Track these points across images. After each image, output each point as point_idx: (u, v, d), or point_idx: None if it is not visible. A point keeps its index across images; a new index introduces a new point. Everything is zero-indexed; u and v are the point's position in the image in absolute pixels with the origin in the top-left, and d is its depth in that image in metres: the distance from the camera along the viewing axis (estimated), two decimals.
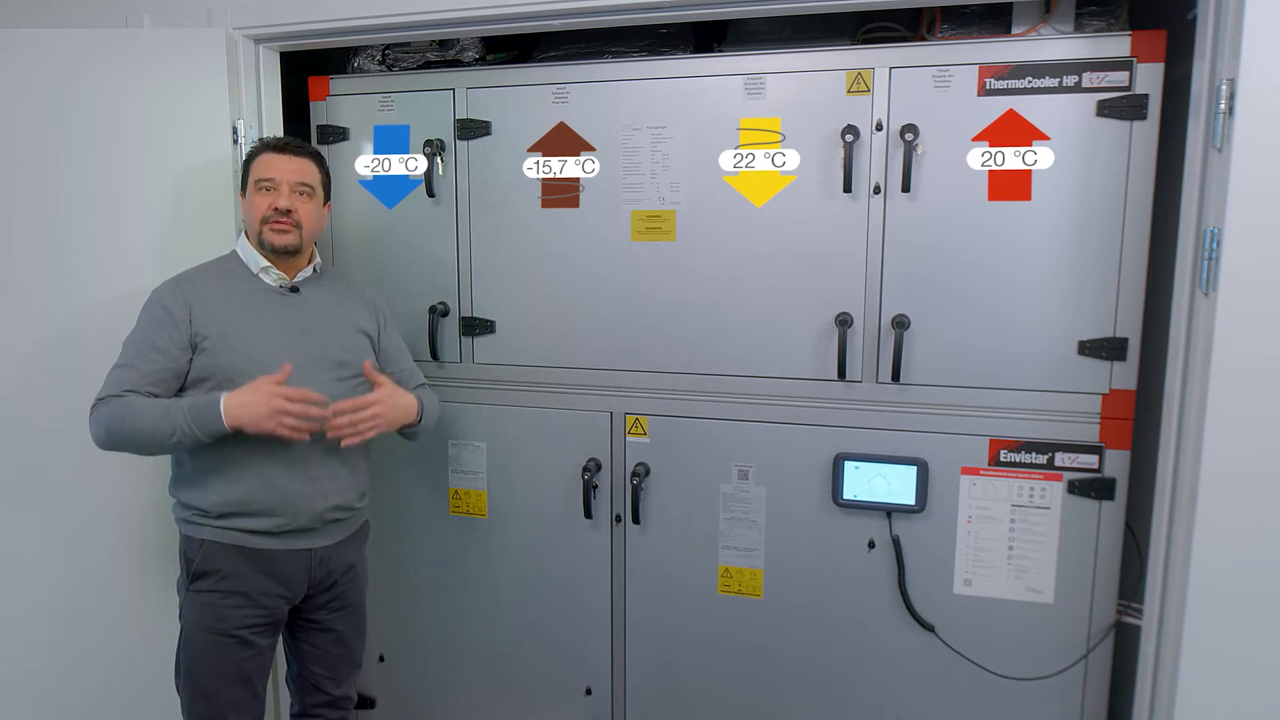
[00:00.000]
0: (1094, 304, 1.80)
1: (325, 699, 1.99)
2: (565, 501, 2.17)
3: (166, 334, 1.72)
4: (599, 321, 2.09)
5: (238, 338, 1.76)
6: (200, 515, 1.77)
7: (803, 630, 2.06)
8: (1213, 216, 1.48)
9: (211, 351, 1.73)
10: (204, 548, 1.76)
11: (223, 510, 1.75)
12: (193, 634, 1.78)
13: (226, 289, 1.81)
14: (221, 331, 1.75)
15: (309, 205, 1.85)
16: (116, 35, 2.05)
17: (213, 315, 1.76)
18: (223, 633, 1.77)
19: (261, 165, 1.83)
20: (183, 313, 1.74)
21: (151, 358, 1.71)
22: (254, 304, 1.81)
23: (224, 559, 1.76)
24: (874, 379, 1.94)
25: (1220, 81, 1.45)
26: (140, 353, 1.72)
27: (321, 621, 1.94)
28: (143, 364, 1.70)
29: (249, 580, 1.78)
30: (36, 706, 2.17)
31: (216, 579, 1.76)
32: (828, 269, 1.93)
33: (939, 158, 1.84)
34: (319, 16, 2.02)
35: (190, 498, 1.77)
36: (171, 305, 1.74)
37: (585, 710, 2.25)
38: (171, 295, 1.76)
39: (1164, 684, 1.60)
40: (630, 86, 2.01)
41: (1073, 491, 1.86)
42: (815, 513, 2.01)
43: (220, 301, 1.78)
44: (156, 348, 1.71)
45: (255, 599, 1.79)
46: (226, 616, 1.77)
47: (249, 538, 1.77)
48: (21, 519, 2.12)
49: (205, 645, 1.77)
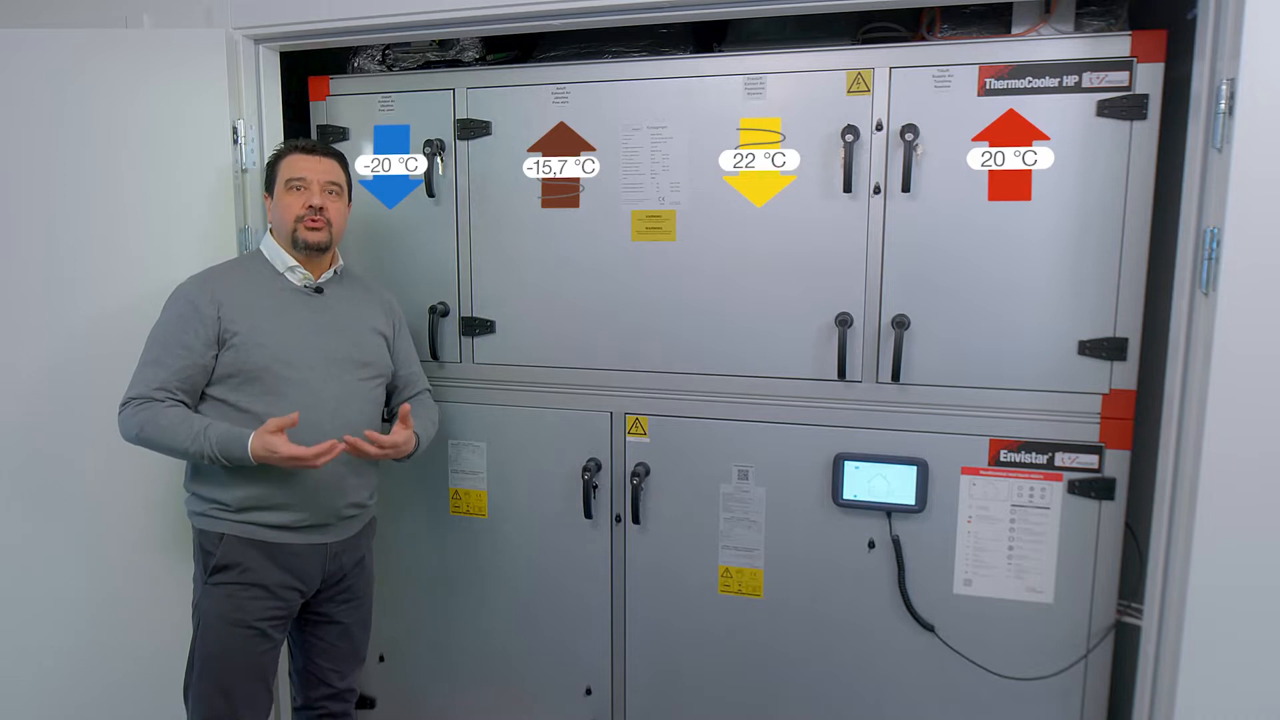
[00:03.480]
0: (1094, 304, 1.80)
1: (330, 692, 2.00)
2: (565, 501, 2.17)
3: (193, 330, 1.74)
4: (599, 321, 2.09)
5: (267, 335, 1.79)
6: (220, 509, 1.78)
7: (803, 630, 2.06)
8: (1213, 216, 1.48)
9: (241, 348, 1.76)
10: (224, 541, 1.78)
11: (245, 504, 1.77)
12: (211, 626, 1.79)
13: (254, 286, 1.84)
14: (251, 328, 1.78)
15: (338, 204, 1.90)
16: (116, 35, 2.05)
17: (242, 312, 1.78)
18: (243, 624, 1.78)
19: (291, 166, 1.86)
20: (211, 309, 1.76)
21: (179, 354, 1.73)
22: (281, 303, 1.84)
23: (243, 552, 1.78)
24: (874, 379, 1.94)
25: (1220, 81, 1.45)
26: (167, 349, 1.74)
27: (330, 615, 1.95)
28: (171, 360, 1.73)
29: (267, 573, 1.80)
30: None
31: (237, 571, 1.78)
32: (828, 269, 1.93)
33: (939, 158, 1.84)
34: (319, 16, 2.02)
35: (211, 491, 1.79)
36: (200, 301, 1.76)
37: (585, 710, 2.25)
38: (200, 291, 1.78)
39: (1164, 684, 1.60)
40: (630, 86, 2.01)
41: (1073, 491, 1.86)
42: (815, 513, 2.01)
43: (249, 299, 1.81)
44: (184, 345, 1.74)
45: (274, 591, 1.81)
46: (247, 608, 1.79)
47: (269, 531, 1.79)
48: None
49: (225, 637, 1.78)
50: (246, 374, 1.76)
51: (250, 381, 1.77)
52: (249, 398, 1.77)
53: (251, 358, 1.77)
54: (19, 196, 2.04)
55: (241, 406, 1.76)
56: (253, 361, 1.77)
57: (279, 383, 1.78)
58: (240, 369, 1.76)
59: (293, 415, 1.70)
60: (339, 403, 1.84)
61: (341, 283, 1.96)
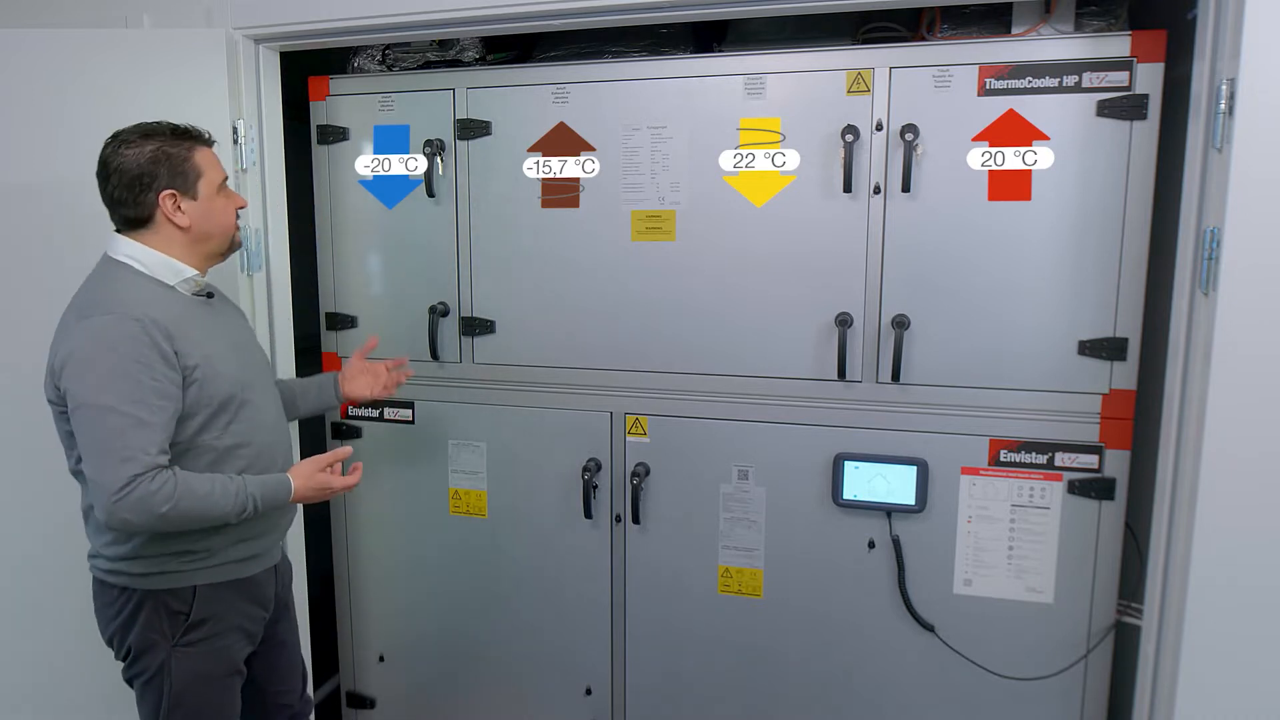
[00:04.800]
0: (1094, 304, 1.80)
1: (290, 713, 1.91)
2: (565, 501, 2.16)
3: (163, 375, 1.50)
4: (599, 321, 2.09)
5: (218, 360, 1.60)
6: (192, 559, 1.60)
7: (803, 630, 2.06)
8: (1213, 216, 1.48)
9: (204, 381, 1.57)
10: (197, 594, 1.61)
11: (226, 543, 1.63)
12: (188, 689, 1.62)
13: (174, 309, 1.58)
14: (205, 357, 1.58)
15: None
16: (116, 35, 2.05)
17: (190, 342, 1.56)
18: (228, 674, 1.67)
19: (213, 163, 1.65)
20: (167, 344, 1.51)
21: (162, 406, 1.49)
22: (201, 320, 1.63)
23: (219, 599, 1.64)
24: (874, 379, 1.94)
25: (1220, 81, 1.45)
26: (143, 404, 1.47)
27: (278, 635, 1.84)
28: (156, 417, 1.48)
29: (243, 612, 1.69)
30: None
31: (213, 623, 1.63)
32: (828, 269, 1.93)
33: (939, 158, 1.84)
34: (319, 16, 2.01)
35: (178, 544, 1.59)
36: (155, 336, 1.50)
37: (585, 710, 2.25)
38: (146, 325, 1.50)
39: (1164, 684, 1.60)
40: (630, 86, 2.00)
41: (1073, 491, 1.86)
42: (815, 513, 2.01)
43: (185, 325, 1.58)
44: (162, 394, 1.50)
45: (248, 630, 1.71)
46: (225, 657, 1.66)
47: (243, 566, 1.67)
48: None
49: (207, 694, 1.64)
50: (213, 409, 1.58)
51: (217, 415, 1.59)
52: (217, 433, 1.59)
53: (217, 389, 1.58)
54: (19, 196, 2.04)
55: (210, 445, 1.59)
56: (219, 393, 1.58)
57: (241, 409, 1.63)
58: (205, 405, 1.57)
59: (347, 448, 1.68)
60: (277, 413, 1.77)
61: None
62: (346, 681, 2.47)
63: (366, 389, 1.99)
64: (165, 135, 1.61)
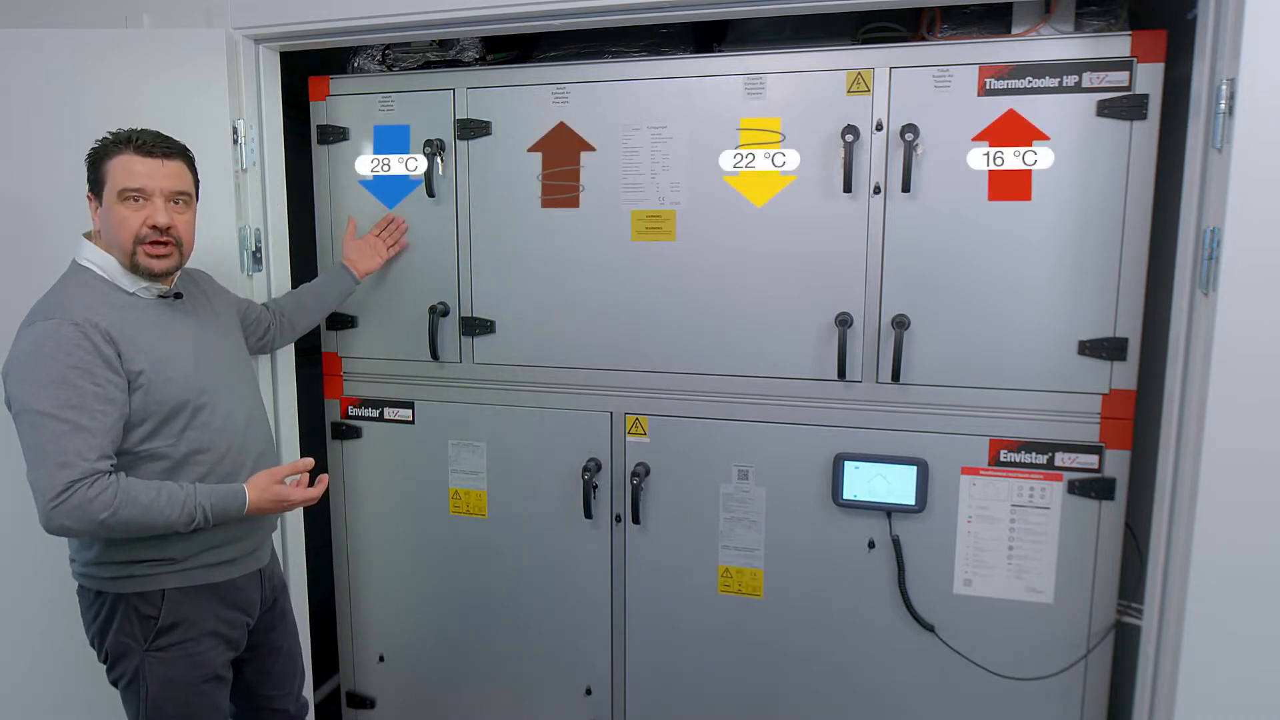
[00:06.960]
0: (1094, 304, 1.80)
1: (285, 718, 1.91)
2: (565, 501, 2.16)
3: (105, 378, 1.47)
4: (599, 321, 2.09)
5: (169, 365, 1.56)
6: (160, 564, 1.59)
7: (803, 630, 2.06)
8: (1213, 216, 1.48)
9: (150, 388, 1.53)
10: (166, 598, 1.59)
11: (196, 549, 1.60)
12: (163, 695, 1.60)
13: (125, 313, 1.55)
14: (154, 361, 1.54)
15: (186, 216, 1.61)
16: (116, 35, 2.05)
17: (133, 345, 1.52)
18: (200, 680, 1.64)
19: (125, 170, 1.53)
20: (109, 348, 1.48)
21: (104, 411, 1.46)
22: (155, 321, 1.59)
23: (191, 603, 1.62)
24: (874, 379, 1.94)
25: (1220, 81, 1.45)
26: (83, 409, 1.44)
27: (271, 642, 1.84)
28: (96, 422, 1.44)
29: (219, 617, 1.66)
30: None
31: (185, 627, 1.61)
32: (828, 269, 1.93)
33: (939, 158, 1.84)
34: (319, 16, 2.02)
35: (143, 550, 1.57)
36: (96, 340, 1.47)
37: (585, 710, 2.25)
38: (87, 328, 1.47)
39: (1164, 684, 1.60)
40: (630, 86, 2.00)
41: (1073, 491, 1.86)
42: (815, 513, 2.01)
43: (133, 329, 1.54)
44: (104, 398, 1.46)
45: (226, 635, 1.68)
46: (201, 661, 1.63)
47: (217, 571, 1.65)
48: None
49: (183, 699, 1.61)
50: (162, 415, 1.54)
51: (167, 422, 1.55)
52: (169, 441, 1.56)
53: (166, 395, 1.54)
54: (19, 197, 2.04)
55: (162, 453, 1.56)
56: (169, 399, 1.54)
57: (196, 414, 1.59)
58: (154, 411, 1.53)
59: (308, 460, 1.64)
60: (248, 417, 1.72)
61: (184, 280, 1.72)
62: (346, 681, 2.47)
63: (377, 260, 2.15)
64: (109, 138, 1.58)
